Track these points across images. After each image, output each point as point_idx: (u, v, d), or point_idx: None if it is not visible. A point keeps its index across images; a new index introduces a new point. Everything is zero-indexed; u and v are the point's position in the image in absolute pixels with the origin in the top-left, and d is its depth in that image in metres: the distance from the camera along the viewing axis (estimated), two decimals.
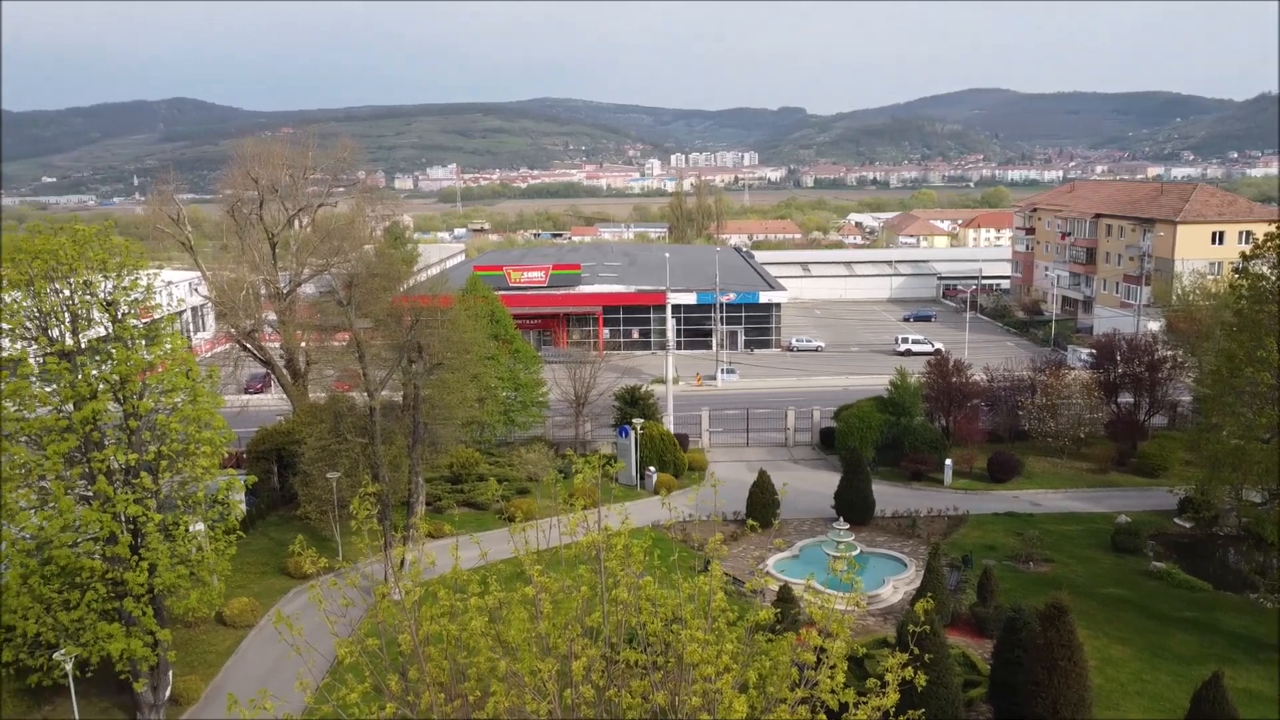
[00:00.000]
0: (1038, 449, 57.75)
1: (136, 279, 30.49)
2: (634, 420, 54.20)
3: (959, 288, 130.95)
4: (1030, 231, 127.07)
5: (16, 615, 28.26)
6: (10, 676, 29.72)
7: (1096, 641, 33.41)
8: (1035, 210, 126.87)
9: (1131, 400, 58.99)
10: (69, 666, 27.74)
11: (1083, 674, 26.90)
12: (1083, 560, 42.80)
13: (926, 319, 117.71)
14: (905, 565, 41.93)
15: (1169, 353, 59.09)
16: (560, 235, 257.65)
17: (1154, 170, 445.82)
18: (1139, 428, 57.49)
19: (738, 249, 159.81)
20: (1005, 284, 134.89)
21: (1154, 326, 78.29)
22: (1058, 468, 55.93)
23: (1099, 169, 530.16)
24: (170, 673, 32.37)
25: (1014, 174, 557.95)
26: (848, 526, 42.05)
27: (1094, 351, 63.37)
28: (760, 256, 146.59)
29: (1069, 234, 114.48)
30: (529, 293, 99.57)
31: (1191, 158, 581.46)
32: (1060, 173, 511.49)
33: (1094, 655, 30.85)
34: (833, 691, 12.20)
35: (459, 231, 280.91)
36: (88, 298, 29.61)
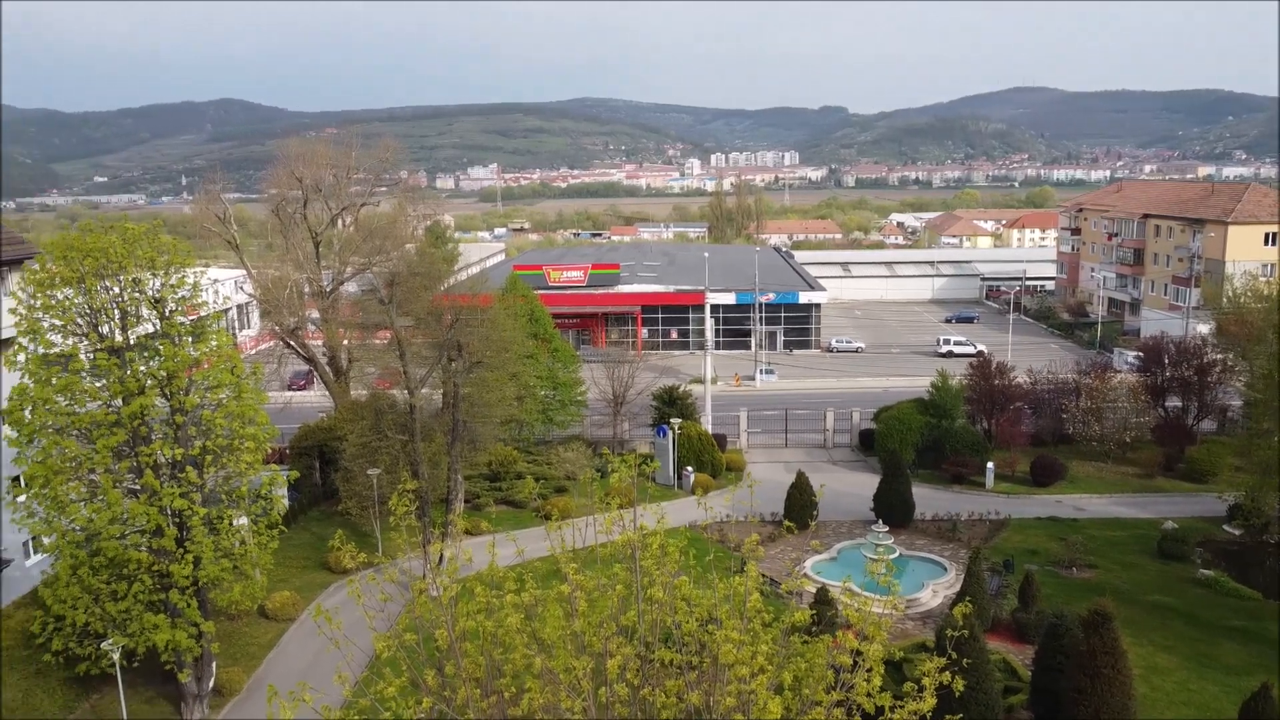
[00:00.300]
0: (1082, 453, 56.86)
1: (184, 277, 31.01)
2: (672, 420, 54.19)
3: (1002, 289, 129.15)
4: (1076, 232, 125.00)
5: (66, 605, 28.94)
6: (60, 665, 30.39)
7: (1141, 650, 32.83)
8: (1081, 210, 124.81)
9: (1180, 404, 57.87)
10: (116, 656, 28.33)
11: (1126, 682, 26.43)
12: (1128, 567, 42.07)
13: (969, 320, 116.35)
14: (945, 569, 41.49)
15: (1219, 356, 57.85)
16: (599, 235, 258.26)
17: (1205, 170, 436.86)
18: (1187, 432, 56.39)
19: (777, 249, 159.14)
20: (1050, 285, 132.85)
21: (1203, 329, 76.70)
22: (1102, 472, 55.02)
23: (1148, 168, 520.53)
24: (214, 664, 32.91)
25: (1060, 174, 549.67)
26: (887, 529, 41.65)
27: (1141, 354, 62.21)
28: (800, 257, 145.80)
29: (1116, 234, 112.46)
30: (568, 292, 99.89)
31: (1243, 157, 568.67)
32: (1107, 172, 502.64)
33: (1139, 664, 30.31)
34: (869, 695, 12.10)
35: (499, 231, 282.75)
36: (136, 295, 30.17)
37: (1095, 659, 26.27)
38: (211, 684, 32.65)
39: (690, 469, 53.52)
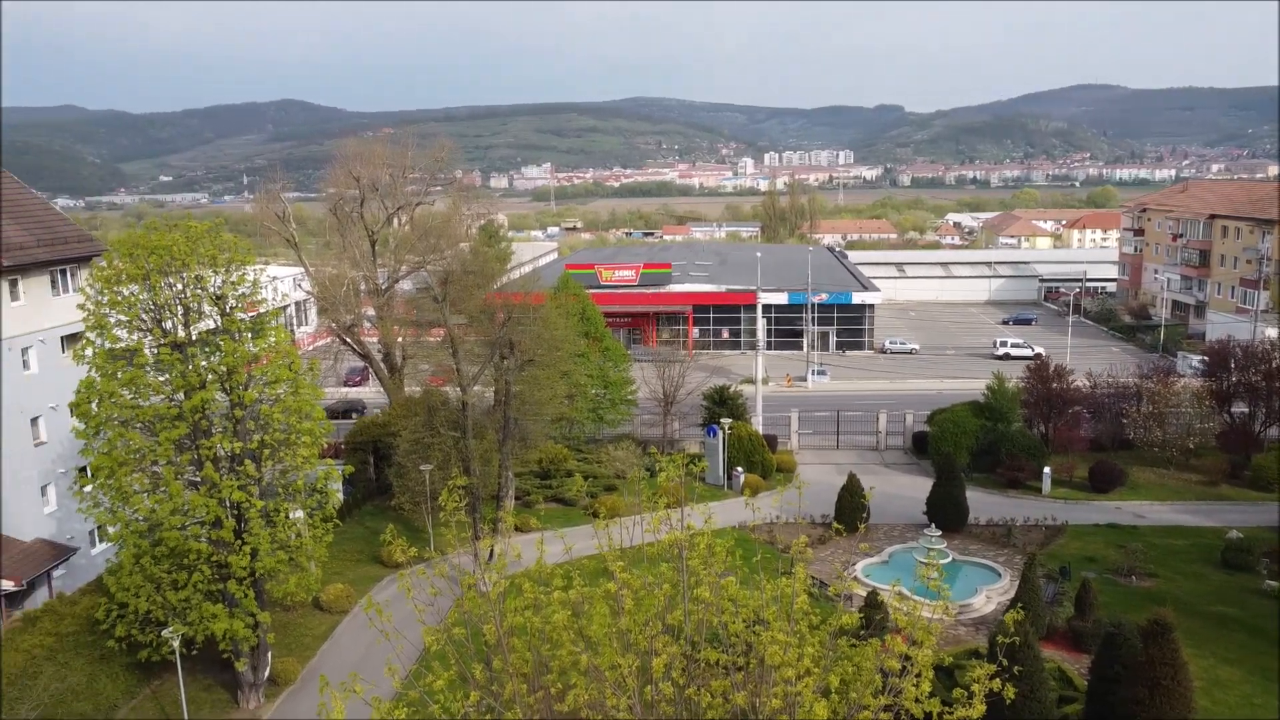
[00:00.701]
0: (1143, 459, 55.53)
1: (244, 274, 31.72)
2: (722, 420, 54.04)
3: (1062, 290, 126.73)
4: (1139, 233, 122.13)
5: (129, 593, 29.76)
6: (122, 651, 31.23)
7: (1203, 661, 31.98)
8: (1145, 211, 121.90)
9: (1246, 410, 56.27)
10: (176, 644, 29.04)
11: (1187, 694, 25.74)
12: (1189, 576, 40.99)
13: (1027, 322, 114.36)
14: (999, 575, 40.82)
15: None
16: (652, 234, 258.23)
17: (1275, 169, 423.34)
18: (1254, 439, 54.83)
19: (831, 249, 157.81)
20: (1111, 287, 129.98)
21: (1272, 333, 74.42)
22: (1164, 479, 53.69)
23: (1215, 167, 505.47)
24: (269, 654, 33.61)
25: (1122, 173, 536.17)
26: (939, 533, 41.11)
27: (1206, 358, 60.62)
28: (854, 256, 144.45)
29: (1181, 235, 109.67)
30: (620, 291, 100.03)
31: None
32: (1173, 172, 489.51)
33: (1199, 676, 29.53)
34: (917, 700, 11.98)
35: (552, 230, 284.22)
36: (199, 292, 30.93)
37: (1154, 670, 25.62)
38: (267, 673, 33.35)
39: (740, 469, 53.33)
